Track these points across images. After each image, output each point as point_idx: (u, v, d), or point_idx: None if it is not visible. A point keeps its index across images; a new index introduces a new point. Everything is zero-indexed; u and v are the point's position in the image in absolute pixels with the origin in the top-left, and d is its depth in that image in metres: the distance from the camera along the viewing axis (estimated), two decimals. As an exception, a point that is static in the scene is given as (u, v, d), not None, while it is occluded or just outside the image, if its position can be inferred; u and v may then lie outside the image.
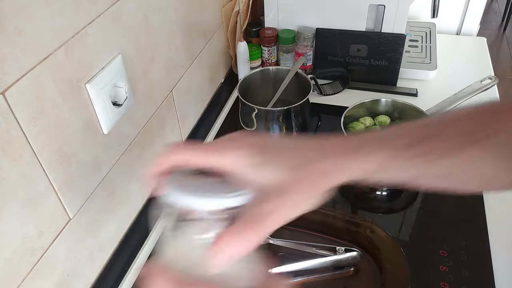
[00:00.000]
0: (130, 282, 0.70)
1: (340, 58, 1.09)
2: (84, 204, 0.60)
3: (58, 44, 0.50)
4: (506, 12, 3.37)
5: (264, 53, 1.12)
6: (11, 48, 0.44)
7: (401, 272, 0.64)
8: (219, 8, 1.00)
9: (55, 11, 0.49)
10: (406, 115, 0.89)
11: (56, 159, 0.53)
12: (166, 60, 0.78)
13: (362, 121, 0.89)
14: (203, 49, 0.94)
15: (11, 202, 0.47)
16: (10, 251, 0.48)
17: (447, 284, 0.65)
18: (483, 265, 0.68)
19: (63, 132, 0.54)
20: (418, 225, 0.76)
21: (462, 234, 0.72)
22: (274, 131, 0.86)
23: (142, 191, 0.77)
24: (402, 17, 1.00)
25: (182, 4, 0.81)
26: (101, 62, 0.59)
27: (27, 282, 0.51)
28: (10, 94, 0.45)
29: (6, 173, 0.46)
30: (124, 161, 0.69)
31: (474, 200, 0.78)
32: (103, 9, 0.58)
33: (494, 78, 0.86)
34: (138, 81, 0.70)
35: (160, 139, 0.80)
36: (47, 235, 0.54)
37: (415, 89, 1.06)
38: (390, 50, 1.03)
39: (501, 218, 0.75)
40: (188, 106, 0.91)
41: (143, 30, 0.69)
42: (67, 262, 0.58)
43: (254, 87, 0.94)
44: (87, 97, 0.57)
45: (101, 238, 0.66)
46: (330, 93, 1.08)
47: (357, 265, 0.68)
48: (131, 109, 0.68)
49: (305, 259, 0.67)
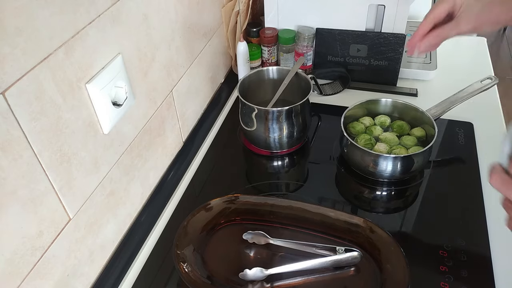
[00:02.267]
0: (130, 282, 0.70)
1: (340, 58, 1.09)
2: (84, 204, 0.60)
3: (58, 44, 0.51)
4: (506, 12, 3.37)
5: (264, 53, 1.12)
6: (11, 48, 0.44)
7: (401, 272, 0.64)
8: (219, 8, 1.00)
9: (55, 11, 0.49)
10: (406, 115, 0.89)
11: (56, 159, 0.53)
12: (166, 60, 0.78)
13: (362, 121, 0.89)
14: (203, 49, 0.94)
15: (11, 202, 0.47)
16: (10, 251, 0.48)
17: (447, 284, 0.65)
18: (483, 265, 0.68)
19: (63, 132, 0.54)
20: (418, 225, 0.76)
21: (462, 234, 0.72)
22: (274, 131, 0.86)
23: (142, 191, 0.77)
24: (402, 17, 1.00)
25: (182, 4, 0.81)
26: (101, 62, 0.59)
27: (27, 282, 0.51)
28: (10, 94, 0.45)
29: (6, 173, 0.46)
30: (124, 161, 0.69)
31: (474, 200, 0.78)
32: (103, 9, 0.58)
33: (494, 78, 0.87)
34: (138, 81, 0.70)
35: (160, 139, 0.80)
36: (47, 235, 0.54)
37: (415, 89, 1.06)
38: (390, 50, 1.03)
39: (501, 218, 0.75)
40: (188, 106, 0.91)
41: (143, 30, 0.69)
42: (67, 262, 0.58)
43: (254, 87, 0.94)
44: (87, 97, 0.57)
45: (101, 238, 0.66)
46: (330, 93, 1.08)
47: (357, 265, 0.68)
48: (131, 109, 0.68)
49: (305, 259, 0.67)
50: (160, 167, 0.83)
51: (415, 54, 0.63)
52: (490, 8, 0.57)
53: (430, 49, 0.63)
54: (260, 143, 0.91)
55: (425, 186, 0.83)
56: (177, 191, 0.86)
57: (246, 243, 0.72)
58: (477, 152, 0.88)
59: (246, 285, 0.66)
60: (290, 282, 0.67)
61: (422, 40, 0.61)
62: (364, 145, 0.83)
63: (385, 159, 0.78)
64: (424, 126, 0.86)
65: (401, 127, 0.88)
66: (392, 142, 0.85)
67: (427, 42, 0.61)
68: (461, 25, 0.59)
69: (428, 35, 0.60)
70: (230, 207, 0.76)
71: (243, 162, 0.94)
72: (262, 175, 0.89)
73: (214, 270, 0.68)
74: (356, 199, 0.83)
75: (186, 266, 0.67)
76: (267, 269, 0.67)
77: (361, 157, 0.81)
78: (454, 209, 0.77)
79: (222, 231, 0.74)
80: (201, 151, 0.95)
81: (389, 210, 0.81)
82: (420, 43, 0.61)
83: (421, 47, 0.61)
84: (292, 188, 0.85)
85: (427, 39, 0.60)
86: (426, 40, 0.61)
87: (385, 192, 0.83)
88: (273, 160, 0.92)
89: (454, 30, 0.60)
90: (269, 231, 0.72)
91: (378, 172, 0.80)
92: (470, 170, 0.84)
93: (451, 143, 0.91)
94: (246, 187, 0.85)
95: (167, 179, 0.85)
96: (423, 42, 0.61)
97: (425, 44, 0.61)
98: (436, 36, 0.60)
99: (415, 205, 0.80)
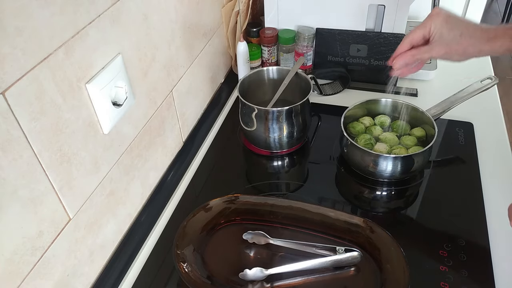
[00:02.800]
0: (130, 282, 0.70)
1: (340, 58, 1.09)
2: (84, 204, 0.60)
3: (58, 44, 0.51)
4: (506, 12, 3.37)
5: (264, 53, 1.12)
6: (11, 48, 0.44)
7: (401, 272, 0.64)
8: (219, 8, 1.00)
9: (55, 11, 0.49)
10: (406, 115, 0.89)
11: (56, 159, 0.53)
12: (166, 60, 0.78)
13: (362, 121, 0.89)
14: (203, 49, 0.94)
15: (11, 202, 0.47)
16: (10, 251, 0.48)
17: (447, 284, 0.65)
18: (483, 265, 0.68)
19: (63, 132, 0.54)
20: (418, 225, 0.76)
21: (462, 234, 0.72)
22: (274, 131, 0.86)
23: (142, 191, 0.77)
24: (402, 17, 1.00)
25: (182, 4, 0.81)
26: (101, 62, 0.59)
27: (27, 282, 0.51)
28: (10, 94, 0.45)
29: (6, 173, 0.46)
30: (124, 161, 0.69)
31: (474, 200, 0.78)
32: (103, 9, 0.58)
33: (494, 78, 0.87)
34: (138, 81, 0.70)
35: (160, 139, 0.80)
36: (47, 235, 0.54)
37: (415, 89, 1.06)
38: (390, 50, 1.03)
39: (501, 218, 0.75)
40: (188, 106, 0.91)
41: (143, 30, 0.69)
42: (67, 262, 0.58)
43: (254, 87, 0.94)
44: (87, 97, 0.57)
45: (101, 238, 0.66)
46: (330, 93, 1.08)
47: (357, 265, 0.68)
48: (131, 109, 0.68)
49: (305, 259, 0.67)
50: (160, 167, 0.83)
51: (396, 74, 0.70)
52: (460, 40, 0.63)
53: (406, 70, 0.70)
54: (260, 143, 0.91)
55: (425, 186, 0.83)
56: (177, 191, 0.86)
57: (246, 243, 0.72)
58: (477, 152, 0.88)
59: (246, 285, 0.66)
60: (290, 282, 0.67)
61: (400, 57, 0.68)
62: (364, 145, 0.83)
63: (385, 159, 0.78)
64: (424, 126, 0.86)
65: (401, 127, 0.88)
66: (392, 142, 0.85)
67: (402, 60, 0.67)
68: (434, 51, 0.65)
69: (404, 53, 0.67)
70: (230, 207, 0.76)
71: (243, 162, 0.94)
72: (262, 175, 0.89)
73: (214, 270, 0.68)
74: (356, 199, 0.83)
75: (186, 266, 0.67)
76: (267, 269, 0.67)
77: (361, 157, 0.81)
78: (454, 209, 0.77)
79: (222, 231, 0.74)
80: (201, 151, 0.95)
81: (389, 210, 0.81)
82: (396, 60, 0.68)
83: (396, 64, 0.68)
84: (292, 188, 0.85)
85: (403, 56, 0.67)
86: (401, 58, 0.67)
87: (385, 192, 0.83)
88: (273, 160, 0.92)
89: (427, 54, 0.66)
90: (269, 231, 0.72)
91: (378, 172, 0.80)
92: (470, 170, 0.84)
93: (451, 143, 0.91)
94: (246, 187, 0.85)
95: (167, 179, 0.85)
96: (398, 59, 0.68)
97: (400, 62, 0.68)
98: (411, 56, 0.67)
99: (415, 205, 0.80)
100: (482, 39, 0.62)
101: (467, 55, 0.64)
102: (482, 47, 0.62)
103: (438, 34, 0.64)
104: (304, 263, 0.67)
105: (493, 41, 0.61)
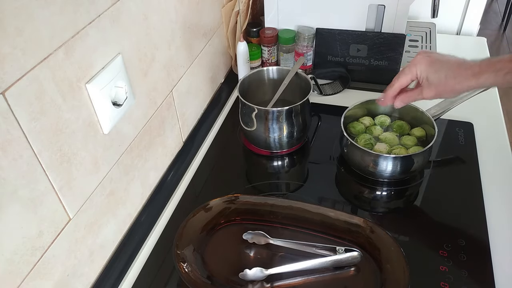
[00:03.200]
0: (130, 282, 0.70)
1: (340, 58, 1.09)
2: (84, 204, 0.60)
3: (58, 44, 0.51)
4: (506, 12, 3.37)
5: (264, 53, 1.12)
6: (11, 48, 0.44)
7: (401, 272, 0.64)
8: (219, 8, 1.00)
9: (55, 11, 0.49)
10: (406, 115, 0.89)
11: (56, 159, 0.53)
12: (166, 60, 0.78)
13: (362, 121, 0.89)
14: (203, 49, 0.94)
15: (11, 202, 0.47)
16: (10, 251, 0.48)
17: (447, 284, 0.65)
18: (483, 265, 0.68)
19: (63, 132, 0.54)
20: (418, 225, 0.76)
21: (462, 234, 0.72)
22: (274, 131, 0.86)
23: (142, 191, 0.77)
24: (402, 17, 1.00)
25: (182, 4, 0.81)
26: (101, 62, 0.59)
27: (27, 282, 0.51)
28: (10, 94, 0.45)
29: (6, 173, 0.46)
30: (124, 161, 0.69)
31: (474, 200, 0.78)
32: (103, 9, 0.58)
33: (494, 78, 0.86)
34: (138, 81, 0.70)
35: (160, 139, 0.80)
36: (47, 235, 0.54)
37: (415, 89, 1.06)
38: (390, 50, 1.03)
39: (501, 218, 0.75)
40: (188, 106, 0.91)
41: (143, 30, 0.69)
42: (67, 262, 0.58)
43: (254, 87, 0.94)
44: (87, 97, 0.57)
45: (101, 238, 0.66)
46: (330, 93, 1.08)
47: (357, 265, 0.68)
48: (131, 109, 0.68)
49: (305, 259, 0.67)
50: (160, 167, 0.83)
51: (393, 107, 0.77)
52: (446, 81, 0.66)
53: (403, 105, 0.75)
54: (260, 143, 0.91)
55: (425, 186, 0.83)
56: (177, 191, 0.86)
57: (246, 243, 0.72)
58: (477, 152, 0.88)
59: (246, 285, 0.66)
60: (290, 282, 0.67)
61: (395, 100, 0.74)
62: (364, 145, 0.83)
63: (385, 159, 0.78)
64: (424, 126, 0.86)
65: (401, 127, 0.88)
66: (392, 142, 0.85)
67: (399, 101, 0.74)
68: (424, 93, 0.69)
69: (399, 96, 0.74)
70: (230, 207, 0.76)
71: (243, 162, 0.94)
72: (262, 175, 0.89)
73: (214, 270, 0.68)
74: (356, 199, 0.83)
75: (186, 266, 0.67)
76: (267, 269, 0.67)
77: (361, 157, 0.81)
78: (454, 209, 0.77)
79: (222, 231, 0.74)
80: (201, 151, 0.95)
81: (389, 210, 0.81)
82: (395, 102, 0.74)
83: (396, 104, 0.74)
84: (292, 188, 0.85)
85: (399, 99, 0.74)
86: (398, 100, 0.74)
87: (385, 192, 0.83)
88: (273, 160, 0.92)
89: (419, 96, 0.71)
90: (269, 231, 0.72)
91: (378, 172, 0.80)
92: (470, 170, 0.84)
93: (451, 143, 0.91)
94: (246, 187, 0.85)
95: (167, 179, 0.85)
96: (397, 101, 0.74)
97: (398, 103, 0.74)
98: (407, 98, 0.73)
99: (415, 205, 0.80)
100: (467, 76, 0.64)
101: (457, 92, 0.67)
102: (469, 84, 0.65)
103: (425, 78, 0.69)
104: (304, 263, 0.67)
105: (478, 76, 0.63)
